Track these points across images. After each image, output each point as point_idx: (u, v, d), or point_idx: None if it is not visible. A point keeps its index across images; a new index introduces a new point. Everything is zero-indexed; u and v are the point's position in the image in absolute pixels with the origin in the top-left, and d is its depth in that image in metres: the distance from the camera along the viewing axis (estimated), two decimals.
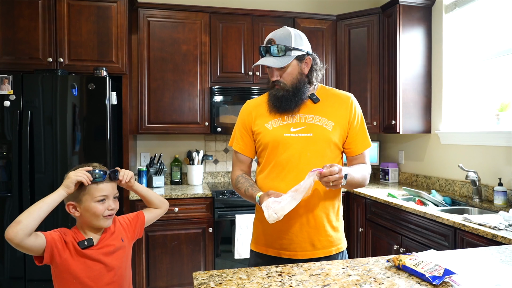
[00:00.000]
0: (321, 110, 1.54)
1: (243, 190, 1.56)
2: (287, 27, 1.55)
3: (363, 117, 1.61)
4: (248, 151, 1.64)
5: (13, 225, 1.21)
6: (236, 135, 1.66)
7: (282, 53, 1.48)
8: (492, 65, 2.74)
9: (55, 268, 1.34)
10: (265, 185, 1.55)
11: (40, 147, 2.63)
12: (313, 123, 1.52)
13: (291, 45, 1.49)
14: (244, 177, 1.61)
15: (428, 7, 3.20)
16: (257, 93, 3.31)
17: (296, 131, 1.51)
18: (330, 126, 1.52)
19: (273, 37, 1.51)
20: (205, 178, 3.68)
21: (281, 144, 1.51)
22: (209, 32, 3.31)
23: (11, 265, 2.59)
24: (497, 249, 1.43)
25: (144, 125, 3.22)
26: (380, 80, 3.34)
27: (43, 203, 1.27)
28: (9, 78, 2.59)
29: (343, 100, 1.58)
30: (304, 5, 3.83)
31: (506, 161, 2.50)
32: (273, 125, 1.55)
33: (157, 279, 2.98)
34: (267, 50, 1.50)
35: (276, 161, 1.51)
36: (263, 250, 1.56)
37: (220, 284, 1.11)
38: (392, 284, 1.10)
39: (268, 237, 1.55)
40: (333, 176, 1.29)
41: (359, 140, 1.56)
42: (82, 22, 2.89)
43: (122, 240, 1.46)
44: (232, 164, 1.71)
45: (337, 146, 1.54)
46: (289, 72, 1.51)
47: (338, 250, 1.55)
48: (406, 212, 2.46)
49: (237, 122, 1.68)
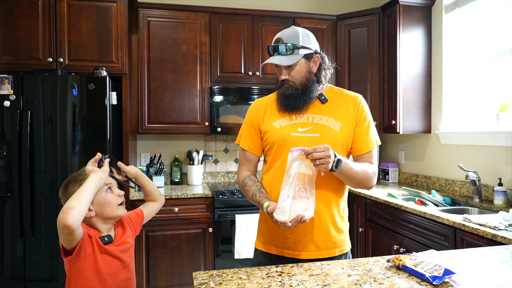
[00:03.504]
0: (329, 111, 1.54)
1: (251, 194, 1.55)
2: (295, 26, 1.55)
3: (371, 118, 1.60)
4: (256, 149, 1.64)
5: (67, 211, 1.16)
6: (243, 132, 1.66)
7: (290, 52, 1.48)
8: (492, 65, 2.74)
9: (75, 263, 1.29)
10: (271, 184, 1.55)
11: (40, 147, 2.63)
12: (320, 123, 1.52)
13: (299, 44, 1.49)
14: (252, 179, 1.60)
15: (428, 7, 3.20)
16: (257, 93, 3.31)
17: (304, 131, 1.51)
18: (337, 127, 1.52)
19: (281, 36, 1.51)
20: (205, 178, 3.68)
21: (288, 144, 1.51)
22: (209, 32, 3.31)
23: (11, 265, 2.59)
24: (497, 249, 1.43)
25: (144, 125, 3.22)
26: (380, 80, 3.34)
27: (86, 187, 1.25)
28: (9, 78, 2.59)
29: (351, 101, 1.57)
30: (304, 5, 3.83)
31: (506, 161, 2.50)
32: (281, 124, 1.55)
33: (157, 279, 2.98)
34: (275, 49, 1.51)
35: (283, 160, 1.51)
36: (267, 249, 1.56)
37: (220, 284, 1.11)
38: (392, 284, 1.10)
39: (272, 236, 1.55)
40: (318, 154, 1.29)
41: (364, 139, 1.55)
42: (82, 22, 2.89)
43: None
44: (239, 163, 1.70)
45: (344, 147, 1.53)
46: (297, 70, 1.51)
47: (342, 251, 1.54)
48: (406, 212, 2.46)
49: (245, 120, 1.68)
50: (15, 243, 2.59)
